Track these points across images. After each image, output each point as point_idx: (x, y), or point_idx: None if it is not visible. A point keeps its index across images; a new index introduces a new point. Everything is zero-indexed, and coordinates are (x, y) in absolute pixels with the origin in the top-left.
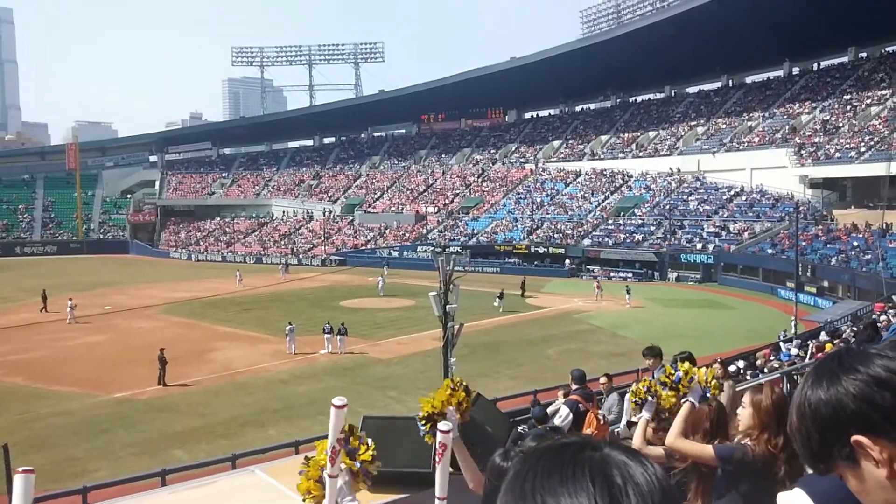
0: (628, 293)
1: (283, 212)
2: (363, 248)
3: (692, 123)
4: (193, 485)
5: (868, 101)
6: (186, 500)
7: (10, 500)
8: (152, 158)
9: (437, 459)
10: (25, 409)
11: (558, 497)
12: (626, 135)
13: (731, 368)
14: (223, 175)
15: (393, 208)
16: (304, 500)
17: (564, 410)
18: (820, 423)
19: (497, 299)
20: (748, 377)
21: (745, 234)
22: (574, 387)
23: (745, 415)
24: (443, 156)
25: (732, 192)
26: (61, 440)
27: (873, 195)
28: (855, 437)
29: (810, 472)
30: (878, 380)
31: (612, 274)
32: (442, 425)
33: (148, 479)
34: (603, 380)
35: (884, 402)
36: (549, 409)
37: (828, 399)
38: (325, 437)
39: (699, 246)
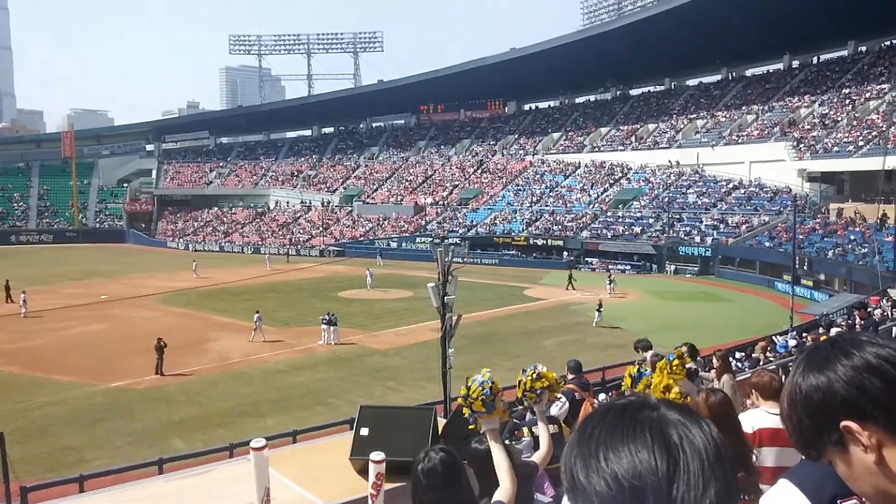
0: (610, 282)
1: (280, 202)
2: (362, 238)
3: (692, 116)
4: (190, 473)
5: (867, 95)
6: (183, 488)
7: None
8: (149, 147)
9: (372, 493)
10: (22, 398)
11: (620, 454)
12: (626, 127)
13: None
14: (220, 164)
15: (392, 199)
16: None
17: (561, 399)
18: (811, 409)
19: (596, 313)
20: (746, 369)
21: (743, 227)
22: (570, 376)
23: None
24: (442, 147)
25: (731, 186)
26: (58, 429)
27: (871, 189)
28: (844, 423)
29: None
30: (868, 366)
31: (610, 266)
32: (374, 455)
33: (145, 468)
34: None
35: (873, 389)
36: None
37: (818, 385)
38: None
39: (697, 239)
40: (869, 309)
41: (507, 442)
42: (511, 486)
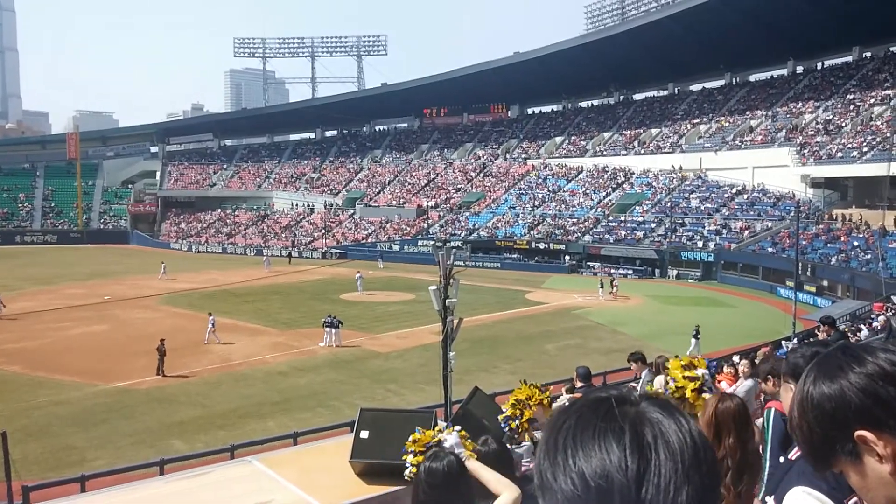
0: (602, 286)
1: (285, 204)
2: (364, 241)
3: (695, 121)
4: (190, 474)
5: (871, 101)
6: (182, 489)
7: None
8: (153, 149)
9: None
10: (25, 398)
11: (589, 452)
12: (629, 132)
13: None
14: (224, 167)
15: (394, 202)
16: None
17: None
18: (823, 419)
19: (693, 340)
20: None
21: (746, 232)
22: (579, 384)
23: None
24: (445, 150)
25: (734, 191)
26: (60, 429)
27: (874, 195)
28: (859, 432)
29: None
30: (882, 373)
31: (612, 270)
32: None
33: (146, 469)
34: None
35: (888, 396)
36: (553, 406)
37: (831, 394)
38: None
39: (700, 244)
40: (869, 323)
41: (507, 446)
42: (511, 494)
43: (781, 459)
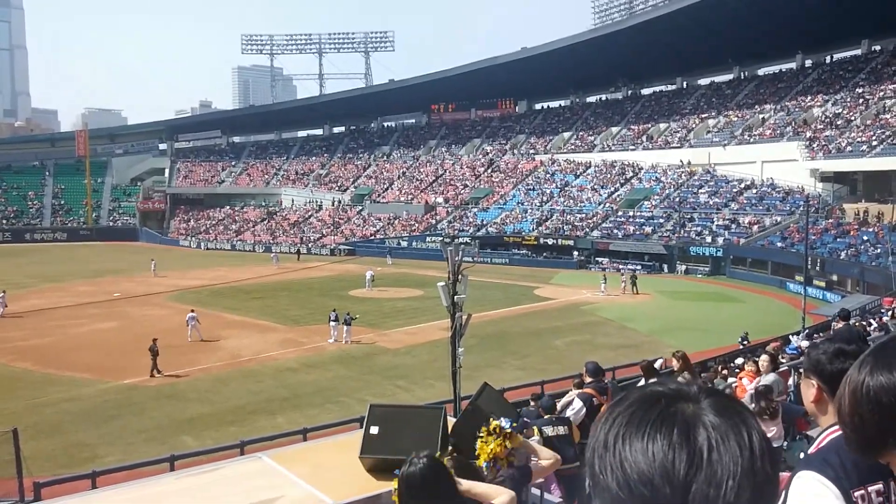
0: (605, 281)
1: (293, 201)
2: (372, 237)
3: (703, 115)
4: (201, 470)
5: (881, 95)
6: (193, 485)
7: None
8: (162, 146)
9: None
10: (35, 395)
11: (636, 455)
12: (637, 126)
13: (739, 360)
14: (232, 164)
15: (402, 198)
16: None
17: (578, 403)
18: (879, 410)
19: (741, 342)
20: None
21: (755, 227)
22: (588, 380)
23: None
24: (453, 146)
25: (743, 185)
26: (71, 426)
27: (884, 189)
28: None
29: None
30: None
31: (620, 266)
32: None
33: (157, 465)
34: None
35: None
36: (563, 401)
37: (889, 386)
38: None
39: (708, 239)
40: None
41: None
42: (505, 498)
43: (801, 455)
